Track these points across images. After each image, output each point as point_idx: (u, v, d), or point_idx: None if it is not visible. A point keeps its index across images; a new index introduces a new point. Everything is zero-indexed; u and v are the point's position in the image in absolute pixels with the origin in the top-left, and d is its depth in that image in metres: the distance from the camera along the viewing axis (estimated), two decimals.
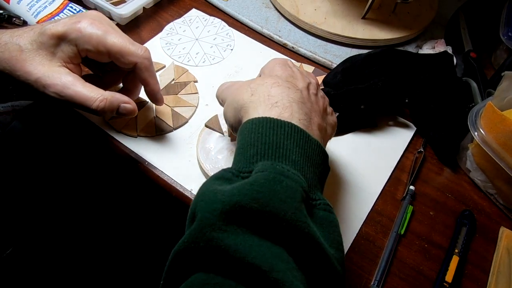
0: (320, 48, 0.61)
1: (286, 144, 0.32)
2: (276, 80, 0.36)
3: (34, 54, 0.40)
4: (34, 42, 0.40)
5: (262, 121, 0.33)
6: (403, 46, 0.64)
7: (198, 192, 0.31)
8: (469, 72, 0.59)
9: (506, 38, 0.59)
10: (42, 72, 0.40)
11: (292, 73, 0.39)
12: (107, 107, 0.41)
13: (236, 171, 0.31)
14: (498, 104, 0.46)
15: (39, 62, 0.40)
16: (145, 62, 0.43)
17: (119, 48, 0.41)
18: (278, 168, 0.30)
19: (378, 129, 0.54)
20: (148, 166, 0.48)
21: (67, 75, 0.41)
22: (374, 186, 0.49)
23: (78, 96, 0.41)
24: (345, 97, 0.51)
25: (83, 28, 0.40)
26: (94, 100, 0.41)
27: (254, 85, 0.36)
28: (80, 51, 0.42)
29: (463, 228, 0.46)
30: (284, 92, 0.35)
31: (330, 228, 0.31)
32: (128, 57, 0.42)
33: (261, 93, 0.35)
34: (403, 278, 0.43)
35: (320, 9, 0.64)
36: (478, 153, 0.49)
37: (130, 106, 0.43)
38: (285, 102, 0.34)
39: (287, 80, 0.37)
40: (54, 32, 0.40)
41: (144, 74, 0.44)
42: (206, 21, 0.64)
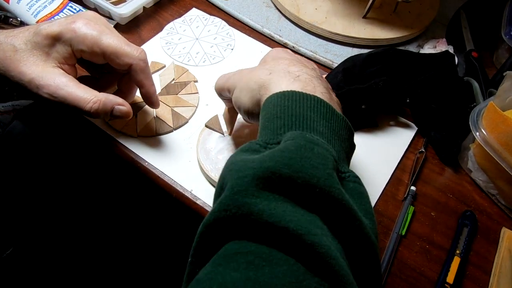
0: (321, 48, 0.61)
1: (313, 116, 0.31)
2: (291, 61, 0.37)
3: (28, 54, 0.40)
4: (28, 42, 0.40)
5: (287, 94, 0.32)
6: (404, 45, 0.64)
7: (226, 164, 0.30)
8: (470, 71, 0.59)
9: (508, 37, 0.59)
10: (36, 72, 0.40)
11: (298, 58, 0.40)
12: (100, 109, 0.41)
13: (263, 142, 0.31)
14: (500, 104, 0.46)
15: (33, 63, 0.40)
16: (141, 64, 0.42)
17: (114, 49, 0.41)
18: (308, 137, 0.29)
19: (379, 129, 0.54)
20: (148, 166, 0.47)
21: (61, 76, 0.41)
22: (375, 186, 0.49)
23: (71, 97, 0.40)
24: (346, 97, 0.51)
25: (78, 29, 0.40)
26: (88, 101, 0.40)
27: (270, 66, 0.37)
28: (74, 51, 0.41)
29: (464, 229, 0.46)
30: (303, 69, 0.36)
31: (362, 199, 0.30)
32: (123, 58, 0.41)
33: (280, 70, 0.36)
34: (404, 279, 0.42)
35: (321, 8, 0.64)
36: (479, 153, 0.48)
37: (124, 108, 0.42)
38: (306, 76, 0.35)
39: (295, 57, 0.39)
40: (49, 32, 0.40)
41: (139, 76, 0.43)
42: (206, 21, 0.64)
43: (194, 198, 0.45)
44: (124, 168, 0.49)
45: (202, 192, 0.46)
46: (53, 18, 0.57)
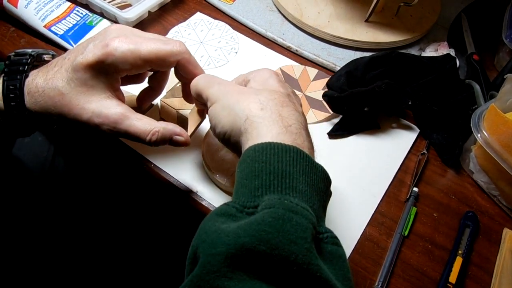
0: (324, 51, 0.62)
1: (293, 172, 0.30)
2: (284, 98, 0.35)
3: (76, 93, 0.38)
4: (71, 81, 0.38)
5: (266, 147, 0.31)
6: (406, 48, 0.64)
7: (199, 231, 0.28)
8: (472, 74, 0.59)
9: (509, 40, 0.60)
10: (91, 110, 0.38)
11: (289, 91, 0.38)
12: (159, 140, 0.40)
13: (240, 206, 0.29)
14: (501, 106, 0.47)
15: (85, 101, 0.38)
16: (186, 57, 0.41)
17: (155, 55, 0.39)
18: (287, 203, 0.27)
19: (382, 131, 0.55)
20: (154, 168, 0.48)
21: (116, 107, 0.39)
22: (378, 188, 0.49)
23: (131, 131, 0.39)
24: (348, 99, 0.51)
25: (115, 50, 0.37)
26: (147, 133, 0.39)
27: (263, 98, 0.34)
28: (118, 72, 0.39)
29: (466, 230, 0.46)
30: (294, 114, 0.34)
31: (340, 264, 0.29)
32: (168, 59, 0.39)
33: (273, 110, 0.33)
34: (407, 279, 0.43)
35: (324, 12, 0.65)
36: (481, 155, 0.49)
37: (182, 139, 0.41)
38: (298, 126, 0.33)
39: (290, 99, 0.36)
40: (86, 64, 0.37)
41: (188, 68, 0.41)
42: (210, 25, 0.64)
43: (199, 199, 0.46)
44: (130, 170, 0.50)
45: (208, 193, 0.46)
46: (60, 22, 0.57)
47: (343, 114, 0.54)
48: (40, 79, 0.39)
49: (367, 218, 0.47)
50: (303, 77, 0.59)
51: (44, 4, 0.58)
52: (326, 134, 0.53)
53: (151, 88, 0.46)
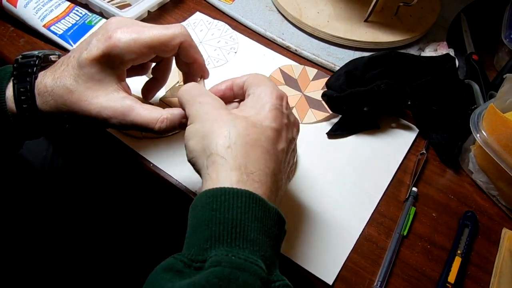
0: (323, 51, 0.62)
1: (244, 219, 0.29)
2: (259, 136, 0.33)
3: (84, 89, 0.38)
4: (78, 78, 0.38)
5: (217, 193, 0.29)
6: (406, 48, 0.64)
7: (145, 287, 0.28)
8: (471, 74, 0.59)
9: (508, 40, 0.60)
10: (99, 105, 0.38)
11: (281, 124, 0.35)
12: (169, 126, 0.40)
13: (188, 259, 0.28)
14: (500, 106, 0.47)
15: (92, 96, 0.39)
16: (188, 39, 0.41)
17: (158, 39, 0.39)
18: (234, 260, 0.27)
19: (381, 131, 0.55)
20: (153, 167, 0.48)
21: (123, 100, 0.39)
22: (377, 188, 0.49)
23: (139, 121, 0.39)
24: (348, 99, 0.51)
25: (119, 41, 0.38)
26: (155, 122, 0.39)
27: (235, 133, 0.32)
28: (124, 63, 0.39)
29: (465, 229, 0.46)
30: (264, 158, 0.32)
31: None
32: (172, 42, 0.40)
33: (239, 151, 0.31)
34: (406, 279, 0.43)
35: (323, 12, 0.65)
36: (480, 154, 0.49)
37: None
38: (262, 174, 0.31)
39: (272, 137, 0.34)
40: (92, 58, 0.38)
41: (190, 51, 0.42)
42: (210, 24, 0.64)
43: None
44: (129, 169, 0.50)
45: None
46: (59, 22, 0.57)
47: (342, 114, 0.54)
48: (48, 79, 0.39)
49: (366, 218, 0.47)
50: (303, 77, 0.59)
51: (43, 4, 0.58)
52: (325, 134, 0.53)
53: (156, 78, 0.46)
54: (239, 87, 0.39)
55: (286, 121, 0.36)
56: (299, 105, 0.56)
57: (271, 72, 0.59)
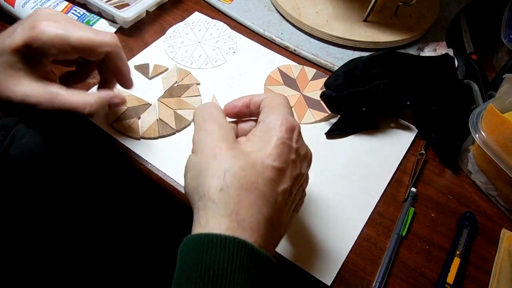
0: (322, 51, 0.62)
1: (230, 270, 0.27)
2: (256, 178, 0.31)
3: (5, 76, 0.38)
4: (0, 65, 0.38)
5: (203, 240, 0.28)
6: (405, 48, 0.64)
7: None
8: (470, 74, 0.59)
9: (507, 40, 0.59)
10: (22, 92, 0.38)
11: (286, 162, 0.33)
12: (98, 109, 0.41)
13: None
14: (499, 106, 0.47)
15: (14, 84, 0.38)
16: (117, 50, 0.41)
17: (85, 43, 0.39)
18: None
19: (380, 131, 0.54)
20: (151, 168, 0.48)
21: (47, 87, 0.39)
22: (376, 188, 0.49)
23: (67, 106, 0.39)
24: (346, 99, 0.51)
25: (42, 33, 0.37)
26: (84, 106, 0.40)
27: (230, 173, 0.30)
28: (47, 57, 0.39)
29: (464, 230, 0.46)
30: (258, 203, 0.30)
31: None
32: (98, 49, 0.40)
33: (232, 196, 0.30)
34: (405, 279, 0.43)
35: (322, 12, 0.65)
36: (479, 155, 0.49)
37: (118, 100, 0.43)
38: (254, 221, 0.30)
39: (272, 178, 0.32)
40: (13, 47, 0.37)
41: (117, 62, 0.42)
42: (208, 24, 0.64)
43: None
44: (127, 170, 0.50)
45: None
46: None
47: (341, 114, 0.54)
48: None
49: (364, 218, 0.47)
50: (301, 77, 0.59)
51: (41, 3, 0.58)
52: (324, 134, 0.53)
53: (104, 79, 0.45)
54: (256, 106, 0.38)
55: (293, 157, 0.34)
56: (297, 105, 0.55)
57: (270, 72, 0.59)
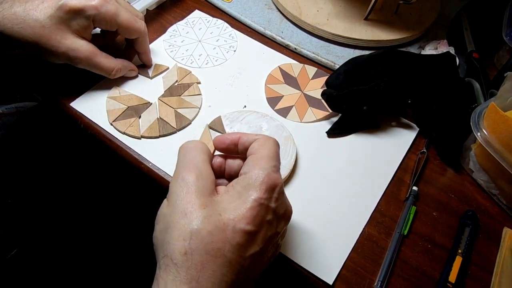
0: (323, 49, 0.62)
1: None
2: (224, 245, 0.30)
3: (54, 28, 0.45)
4: (52, 17, 0.45)
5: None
6: (406, 47, 0.64)
7: None
8: (471, 72, 0.59)
9: (509, 38, 0.59)
10: (67, 45, 0.46)
11: (260, 224, 0.31)
12: (120, 74, 0.52)
13: None
14: (501, 104, 0.46)
15: (61, 37, 0.45)
16: (145, 37, 0.53)
17: (127, 25, 0.49)
18: None
19: (381, 130, 0.54)
20: (151, 167, 0.48)
21: (87, 45, 0.48)
22: (377, 187, 0.49)
23: (99, 67, 0.49)
24: (347, 98, 0.51)
25: (100, 6, 0.46)
26: (112, 70, 0.51)
27: (195, 239, 0.29)
28: (94, 24, 0.47)
29: (466, 229, 0.46)
30: (222, 271, 0.29)
31: None
32: (134, 32, 0.50)
33: (195, 261, 0.29)
34: (406, 278, 0.43)
35: (323, 10, 0.64)
36: (481, 153, 0.49)
37: (134, 72, 0.55)
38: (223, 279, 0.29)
39: (241, 244, 0.30)
40: (72, 7, 0.45)
41: (144, 45, 0.53)
42: (209, 23, 0.64)
43: None
44: (128, 169, 0.50)
45: None
46: None
47: (342, 113, 0.54)
48: (19, 8, 0.44)
49: (366, 217, 0.46)
50: (302, 76, 0.58)
51: None
52: (325, 133, 0.53)
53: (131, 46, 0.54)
54: (244, 148, 0.37)
55: (270, 218, 0.32)
56: (298, 104, 0.55)
57: (271, 71, 0.58)
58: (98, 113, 0.51)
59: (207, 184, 0.33)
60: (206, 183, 0.33)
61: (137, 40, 0.52)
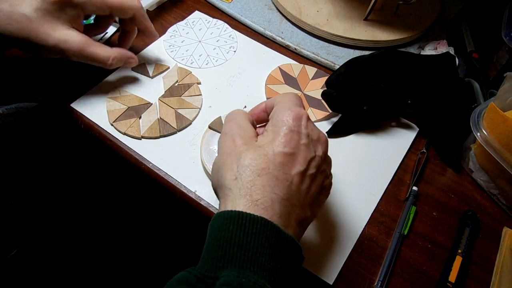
0: (323, 50, 0.62)
1: (257, 245, 0.30)
2: (267, 164, 0.33)
3: (42, 21, 0.43)
4: (38, 10, 0.43)
5: (234, 216, 0.31)
6: (405, 47, 0.64)
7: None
8: (471, 72, 0.59)
9: (508, 38, 0.59)
10: (57, 37, 0.44)
11: (296, 147, 0.35)
12: (117, 63, 0.49)
13: (201, 275, 0.29)
14: (501, 104, 0.47)
15: (50, 29, 0.44)
16: (141, 12, 0.50)
17: (119, 4, 0.47)
18: (244, 282, 0.28)
19: (381, 130, 0.54)
20: (152, 167, 0.48)
21: (79, 36, 0.46)
22: (377, 187, 0.49)
23: (94, 57, 0.47)
24: (347, 98, 0.51)
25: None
26: (108, 59, 0.48)
27: (242, 165, 0.34)
28: (84, 11, 0.46)
29: (466, 229, 0.46)
30: (270, 185, 0.33)
31: None
32: (128, 11, 0.49)
33: (245, 181, 0.33)
34: (407, 278, 0.43)
35: (322, 10, 0.65)
36: (480, 153, 0.49)
37: (133, 60, 0.52)
38: (267, 200, 0.32)
39: (283, 163, 0.34)
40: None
41: (142, 21, 0.51)
42: (209, 23, 0.64)
43: (198, 198, 0.46)
44: (128, 170, 0.50)
45: (206, 193, 0.46)
46: None
47: (342, 113, 0.54)
48: (4, 4, 0.43)
49: (366, 217, 0.47)
50: (302, 76, 0.59)
51: None
52: (325, 133, 0.53)
53: (125, 31, 0.53)
54: (271, 109, 0.40)
55: (304, 141, 0.35)
56: None
57: (271, 71, 0.58)
58: (98, 113, 0.51)
59: (247, 131, 0.37)
60: (245, 130, 0.37)
61: (135, 18, 0.50)
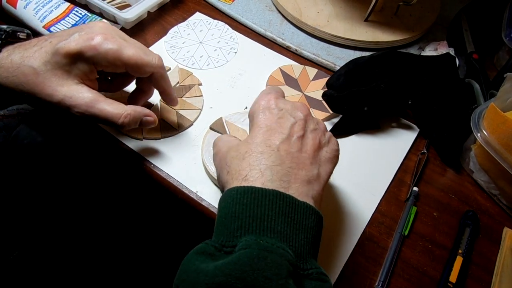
0: (323, 51, 0.62)
1: (271, 215, 0.31)
2: (249, 147, 0.36)
3: (50, 75, 0.40)
4: (48, 63, 0.40)
5: (246, 191, 0.32)
6: (406, 48, 0.64)
7: (180, 269, 0.30)
8: (471, 73, 0.59)
9: (508, 39, 0.59)
10: (63, 93, 0.40)
11: (271, 121, 0.38)
12: (131, 122, 0.42)
13: (219, 245, 0.30)
14: (501, 105, 0.47)
15: (57, 83, 0.40)
16: (160, 71, 0.44)
17: (135, 61, 0.41)
18: (262, 243, 0.29)
19: (381, 131, 0.55)
20: (153, 168, 0.48)
21: (87, 92, 0.41)
22: (378, 188, 0.49)
23: (103, 114, 0.41)
24: (348, 99, 0.51)
25: (99, 46, 0.39)
26: (119, 117, 0.41)
27: (229, 160, 0.36)
28: (97, 67, 0.41)
29: (466, 229, 0.46)
30: (256, 160, 0.35)
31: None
32: (144, 68, 0.42)
33: (234, 169, 0.35)
34: (407, 278, 0.43)
35: (323, 11, 0.65)
36: (481, 154, 0.49)
37: (151, 119, 0.44)
38: (256, 172, 0.34)
39: (263, 139, 0.36)
40: (68, 51, 0.39)
41: (160, 82, 0.45)
42: (210, 25, 0.64)
43: (199, 199, 0.46)
44: (130, 171, 0.50)
45: (207, 194, 0.46)
46: (59, 23, 0.57)
47: (342, 114, 0.54)
48: (16, 56, 0.40)
49: (367, 218, 0.47)
50: (303, 77, 0.59)
51: (43, 5, 0.58)
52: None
53: (140, 90, 0.48)
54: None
55: (278, 115, 0.38)
56: None
57: (271, 72, 0.59)
58: None
59: (233, 141, 0.41)
60: (231, 141, 0.40)
61: (153, 78, 0.44)
